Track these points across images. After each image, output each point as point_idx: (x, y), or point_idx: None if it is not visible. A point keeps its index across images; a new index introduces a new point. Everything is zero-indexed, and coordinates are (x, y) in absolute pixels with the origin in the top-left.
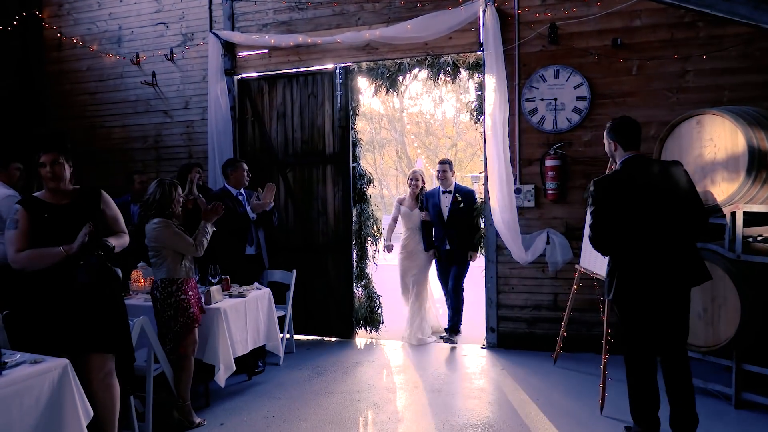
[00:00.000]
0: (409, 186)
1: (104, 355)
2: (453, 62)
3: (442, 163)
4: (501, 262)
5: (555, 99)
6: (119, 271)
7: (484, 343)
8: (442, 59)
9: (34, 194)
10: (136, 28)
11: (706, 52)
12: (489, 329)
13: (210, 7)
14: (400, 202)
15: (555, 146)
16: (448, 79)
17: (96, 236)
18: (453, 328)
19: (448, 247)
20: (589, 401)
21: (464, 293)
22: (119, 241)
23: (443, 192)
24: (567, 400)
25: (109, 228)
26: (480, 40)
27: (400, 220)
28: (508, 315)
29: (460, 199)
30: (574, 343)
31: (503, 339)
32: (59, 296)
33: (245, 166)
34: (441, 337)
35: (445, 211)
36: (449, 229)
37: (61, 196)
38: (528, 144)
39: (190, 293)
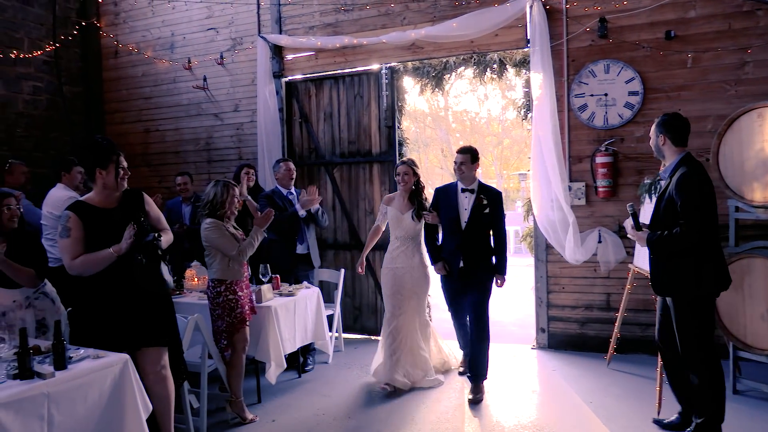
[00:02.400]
0: (399, 183)
1: (159, 349)
2: (499, 59)
3: (462, 152)
4: (551, 261)
5: (605, 94)
6: (168, 268)
7: (534, 343)
8: (488, 56)
9: (81, 199)
10: (188, 34)
11: (767, 41)
12: (539, 329)
13: (258, 12)
14: (387, 202)
15: (606, 142)
16: (494, 76)
17: (141, 233)
18: (476, 378)
19: (462, 264)
20: (644, 405)
21: (489, 317)
22: (165, 238)
23: (463, 190)
24: (621, 403)
25: (153, 227)
26: (527, 36)
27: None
28: (559, 315)
29: (485, 201)
30: (627, 344)
31: (554, 340)
32: (115, 294)
33: (286, 165)
34: (460, 373)
35: (464, 215)
36: (468, 239)
37: (110, 200)
38: (577, 141)
39: (240, 293)
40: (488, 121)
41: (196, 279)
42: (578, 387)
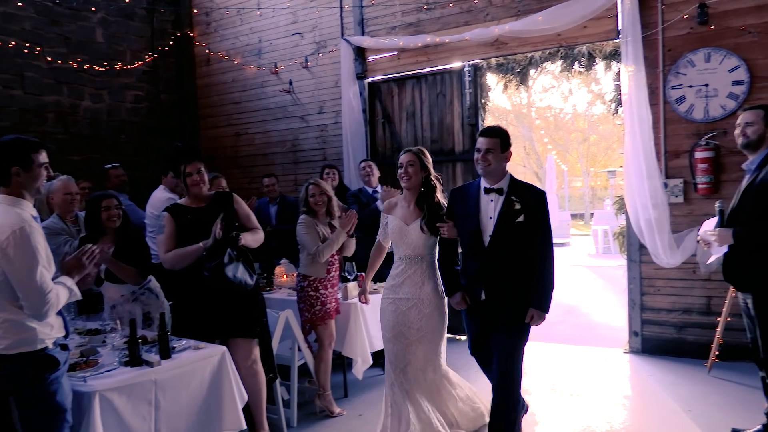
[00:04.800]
0: (401, 180)
1: (250, 342)
2: (588, 52)
3: (488, 134)
4: (645, 262)
5: (706, 85)
6: (257, 266)
7: (626, 347)
8: (576, 50)
9: (177, 201)
10: (274, 39)
11: None
12: (632, 333)
13: (341, 15)
14: (388, 209)
15: (706, 136)
16: (582, 70)
17: (229, 230)
18: None
19: (484, 296)
20: (749, 415)
21: (521, 375)
22: (254, 237)
23: (487, 190)
24: (723, 412)
25: (243, 226)
26: (618, 27)
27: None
28: (654, 318)
29: (518, 206)
30: (731, 351)
31: (648, 344)
32: (206, 287)
33: (362, 165)
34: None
35: (488, 226)
36: (493, 261)
37: (200, 201)
38: (674, 135)
39: (322, 291)
40: (573, 117)
41: (284, 276)
42: (675, 394)
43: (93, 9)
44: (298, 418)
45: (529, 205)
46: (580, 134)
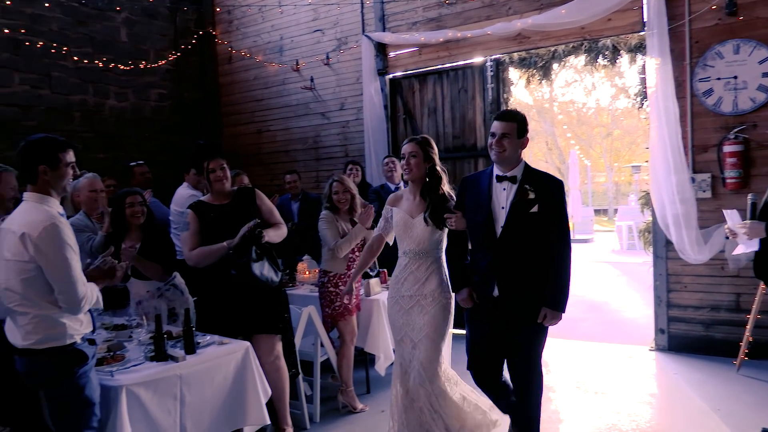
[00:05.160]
0: (404, 172)
1: (273, 337)
2: (612, 45)
3: (504, 118)
4: (671, 258)
5: (735, 77)
6: (280, 262)
7: (653, 345)
8: (600, 43)
9: (201, 198)
10: (296, 36)
11: None
12: (658, 330)
13: (362, 11)
14: (393, 201)
15: (735, 130)
16: (606, 63)
17: (253, 228)
18: None
19: (497, 292)
20: None
21: (542, 382)
22: (277, 232)
23: (499, 178)
24: (753, 412)
25: (266, 221)
26: (643, 19)
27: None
28: (680, 316)
29: (532, 195)
30: (761, 349)
31: (675, 341)
32: (230, 284)
33: (386, 161)
34: None
35: (500, 216)
36: (505, 254)
37: (223, 197)
38: (701, 129)
39: (342, 287)
40: (596, 112)
41: (307, 272)
42: (703, 393)
43: (118, 9)
44: (321, 414)
45: (544, 195)
46: (604, 129)
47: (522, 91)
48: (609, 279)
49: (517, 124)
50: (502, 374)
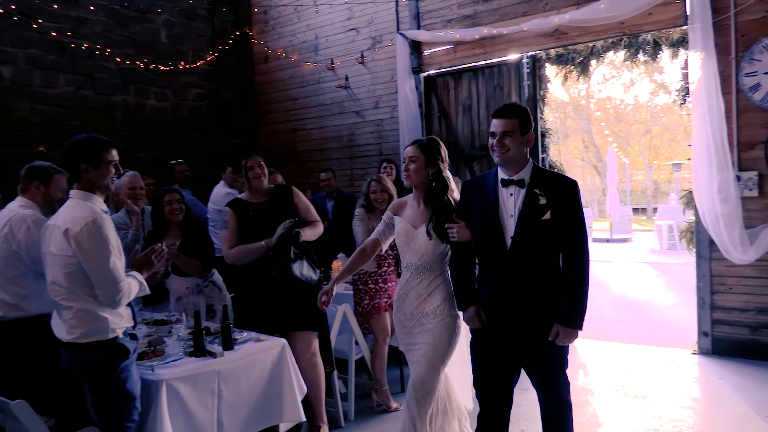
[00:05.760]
0: (404, 177)
1: (310, 335)
2: (653, 40)
3: (503, 114)
4: (715, 258)
5: None
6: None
7: (695, 348)
8: (640, 38)
9: (239, 196)
10: (330, 36)
11: None
12: (701, 333)
13: (396, 9)
14: (395, 209)
15: None
16: (647, 58)
17: (290, 227)
18: None
19: (509, 311)
20: None
21: (570, 407)
22: (313, 230)
23: (505, 182)
24: None
25: (302, 219)
26: (686, 12)
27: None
28: (725, 318)
29: (543, 200)
30: None
31: (719, 345)
32: (267, 281)
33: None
34: None
35: (509, 225)
36: (517, 267)
37: (260, 195)
38: (748, 125)
39: (371, 285)
40: (635, 108)
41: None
42: (750, 399)
43: (159, 11)
44: (356, 412)
45: (556, 199)
46: (642, 126)
47: (558, 88)
48: (648, 280)
49: (519, 120)
50: (511, 403)
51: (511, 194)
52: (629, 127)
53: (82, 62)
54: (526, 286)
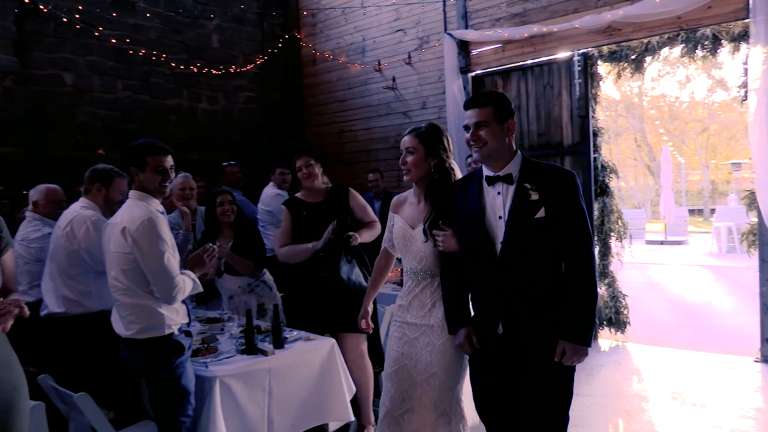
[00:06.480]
0: (403, 172)
1: (358, 336)
2: (713, 34)
3: (476, 103)
4: None
5: None
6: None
7: (758, 356)
8: (698, 32)
9: (296, 195)
10: (378, 37)
11: None
12: (764, 340)
13: (444, 9)
14: (395, 206)
15: None
16: (705, 54)
17: (342, 231)
18: None
19: (502, 330)
20: None
21: None
22: (369, 232)
23: (490, 180)
24: None
25: (359, 220)
26: (748, 4)
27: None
28: None
29: (535, 196)
30: None
31: None
32: (318, 282)
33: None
34: None
35: (498, 228)
36: (510, 275)
37: (315, 195)
38: None
39: None
40: (691, 106)
41: (390, 271)
42: None
43: (211, 16)
44: None
45: (551, 193)
46: (699, 124)
47: (609, 86)
48: (706, 283)
49: (494, 108)
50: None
51: (499, 193)
52: (685, 125)
53: (139, 68)
54: (522, 300)
